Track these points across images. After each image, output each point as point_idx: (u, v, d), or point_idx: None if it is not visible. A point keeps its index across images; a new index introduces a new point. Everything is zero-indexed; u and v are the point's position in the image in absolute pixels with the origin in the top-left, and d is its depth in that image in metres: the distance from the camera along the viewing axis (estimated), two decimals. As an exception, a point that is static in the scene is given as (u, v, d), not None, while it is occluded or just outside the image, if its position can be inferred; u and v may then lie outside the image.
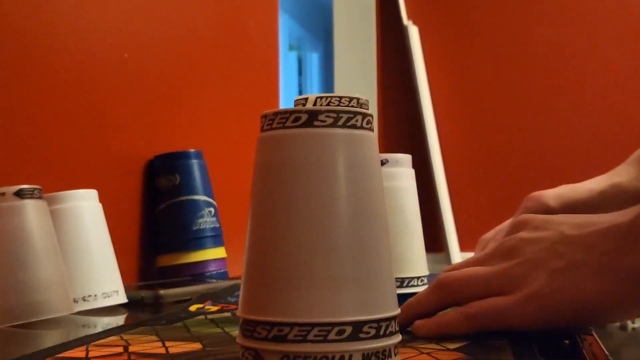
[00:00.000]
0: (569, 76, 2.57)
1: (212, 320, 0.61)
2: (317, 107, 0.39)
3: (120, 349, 0.49)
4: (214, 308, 0.69)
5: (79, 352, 0.48)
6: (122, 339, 0.53)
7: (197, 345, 0.49)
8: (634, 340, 0.58)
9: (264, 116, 0.40)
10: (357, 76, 2.70)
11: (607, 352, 0.45)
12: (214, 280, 0.96)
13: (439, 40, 2.66)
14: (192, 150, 1.07)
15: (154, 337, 0.53)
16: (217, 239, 1.07)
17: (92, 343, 0.51)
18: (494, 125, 2.62)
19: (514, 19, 2.63)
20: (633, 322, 0.57)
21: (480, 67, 2.65)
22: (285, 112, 0.39)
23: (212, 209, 1.06)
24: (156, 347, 0.49)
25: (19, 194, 0.65)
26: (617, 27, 2.53)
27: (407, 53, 2.63)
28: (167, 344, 0.50)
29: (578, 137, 2.53)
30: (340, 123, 0.38)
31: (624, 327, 0.57)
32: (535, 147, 2.56)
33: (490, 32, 2.65)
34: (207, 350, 0.48)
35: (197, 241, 1.04)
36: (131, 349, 0.49)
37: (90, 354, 0.47)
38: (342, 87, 2.70)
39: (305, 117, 0.38)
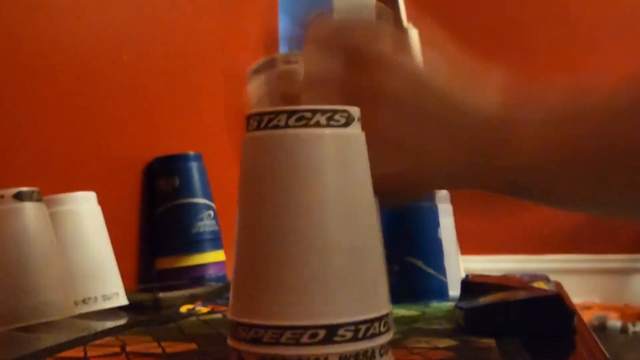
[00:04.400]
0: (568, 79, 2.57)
1: (205, 322, 0.62)
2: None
3: (118, 349, 0.50)
4: (205, 309, 0.69)
5: (77, 352, 0.49)
6: (118, 339, 0.53)
7: (192, 346, 0.50)
8: (635, 344, 0.58)
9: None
10: (358, 78, 2.70)
11: (607, 355, 0.45)
12: (213, 284, 0.96)
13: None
14: (192, 152, 1.07)
15: (149, 338, 0.54)
16: (216, 242, 1.06)
17: (89, 343, 0.52)
18: (495, 128, 2.62)
19: (514, 22, 2.63)
20: (634, 326, 0.58)
21: (481, 70, 2.65)
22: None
23: (211, 212, 1.06)
24: (152, 347, 0.50)
25: (18, 197, 0.65)
26: (614, 29, 2.53)
27: (408, 55, 2.63)
28: (163, 344, 0.51)
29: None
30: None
31: (624, 331, 0.58)
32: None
33: (490, 35, 2.65)
34: (202, 350, 0.49)
35: (197, 244, 1.04)
36: (128, 348, 0.50)
37: (89, 354, 0.48)
38: (343, 89, 2.70)
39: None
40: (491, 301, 0.54)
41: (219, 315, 0.65)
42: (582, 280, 2.50)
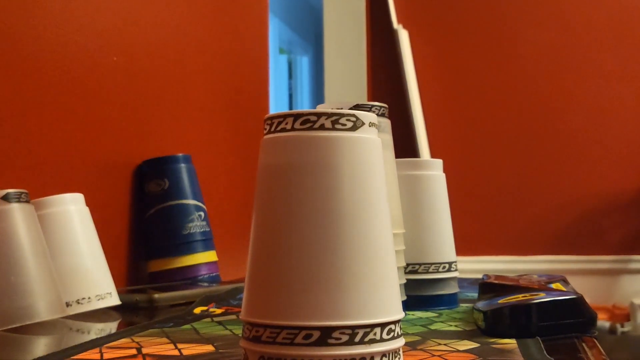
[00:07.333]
0: (558, 78, 2.58)
1: (220, 323, 0.62)
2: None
3: (134, 351, 0.49)
4: (219, 310, 0.69)
5: (93, 354, 0.49)
6: (133, 341, 0.53)
7: (209, 347, 0.50)
8: (623, 344, 0.58)
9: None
10: (348, 80, 2.70)
11: (604, 354, 0.45)
12: (205, 284, 0.96)
13: (429, 44, 2.67)
14: (181, 154, 1.06)
15: (164, 340, 0.53)
16: (207, 243, 1.06)
17: (105, 345, 0.51)
18: (485, 128, 2.63)
19: (504, 22, 2.64)
20: (622, 326, 0.58)
21: (470, 71, 2.66)
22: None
23: (201, 213, 1.06)
24: (169, 349, 0.50)
25: (6, 198, 0.65)
26: (605, 30, 2.55)
27: (397, 57, 2.64)
28: (179, 345, 0.51)
29: (568, 137, 2.54)
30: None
31: (613, 331, 0.58)
32: (526, 149, 2.57)
33: (480, 35, 2.66)
34: (220, 352, 0.49)
35: (188, 245, 1.04)
36: (144, 350, 0.49)
37: (105, 356, 0.48)
38: (333, 90, 2.71)
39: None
40: (512, 303, 0.53)
41: (233, 317, 0.65)
42: (570, 281, 2.50)
